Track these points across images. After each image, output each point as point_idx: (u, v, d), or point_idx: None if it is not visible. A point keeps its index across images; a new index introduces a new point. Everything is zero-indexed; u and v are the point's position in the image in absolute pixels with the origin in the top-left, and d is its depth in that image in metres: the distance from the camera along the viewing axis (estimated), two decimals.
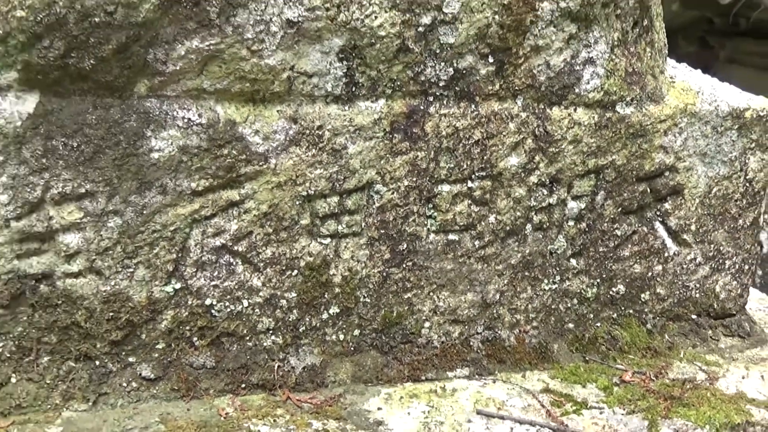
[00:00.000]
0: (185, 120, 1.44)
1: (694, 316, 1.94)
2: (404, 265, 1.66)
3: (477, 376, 1.72)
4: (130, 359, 1.53)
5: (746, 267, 1.95)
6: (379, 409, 1.57)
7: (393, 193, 1.62)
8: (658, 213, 1.85)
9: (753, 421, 1.64)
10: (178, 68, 1.41)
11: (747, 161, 1.87)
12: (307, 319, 1.62)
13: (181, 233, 1.51)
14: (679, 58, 2.09)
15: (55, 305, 1.47)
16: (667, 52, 1.90)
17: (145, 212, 1.48)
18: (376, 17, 1.50)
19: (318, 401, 1.56)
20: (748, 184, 1.89)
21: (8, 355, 1.45)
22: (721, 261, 1.92)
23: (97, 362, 1.53)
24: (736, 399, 1.70)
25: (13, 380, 1.46)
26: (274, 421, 1.48)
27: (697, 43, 7.68)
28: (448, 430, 1.51)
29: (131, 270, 1.49)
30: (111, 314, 1.49)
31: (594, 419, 1.57)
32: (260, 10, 1.42)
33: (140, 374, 1.54)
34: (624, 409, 1.63)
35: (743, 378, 1.77)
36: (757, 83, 8.24)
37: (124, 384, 1.52)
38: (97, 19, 1.32)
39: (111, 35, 1.35)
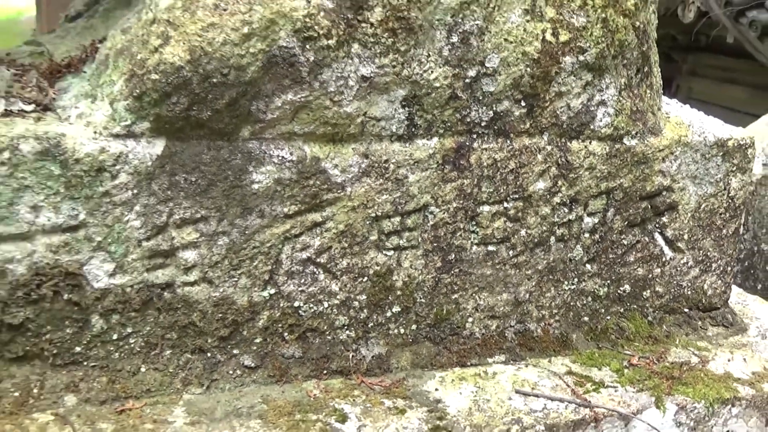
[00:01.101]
0: (279, 157, 1.51)
1: (686, 310, 1.97)
2: (452, 272, 1.71)
3: (512, 362, 1.76)
4: (235, 351, 1.58)
5: (729, 269, 2.00)
6: (436, 389, 1.61)
7: (444, 213, 1.66)
8: (657, 225, 1.89)
9: (739, 396, 1.71)
10: (275, 116, 1.48)
11: (729, 182, 1.93)
12: (375, 317, 1.67)
13: (275, 249, 1.56)
14: None
15: (176, 309, 1.52)
16: (662, 91, 1.90)
17: (247, 232, 1.52)
18: (432, 72, 1.55)
19: (386, 384, 1.61)
20: (730, 201, 1.94)
21: (138, 349, 1.51)
22: (708, 264, 1.97)
23: (209, 354, 1.56)
24: (724, 378, 1.76)
25: (143, 369, 1.51)
26: (353, 400, 1.54)
27: (662, 58, 7.71)
28: (495, 405, 1.56)
29: (236, 279, 1.54)
30: (219, 315, 1.55)
31: (611, 396, 1.63)
32: (341, 68, 1.48)
33: (243, 363, 1.59)
34: (634, 388, 1.68)
35: (729, 361, 1.83)
36: (715, 92, 8.29)
37: (231, 372, 1.57)
38: (215, 80, 1.39)
39: (225, 92, 1.42)
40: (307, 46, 1.44)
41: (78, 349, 1.47)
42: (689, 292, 1.97)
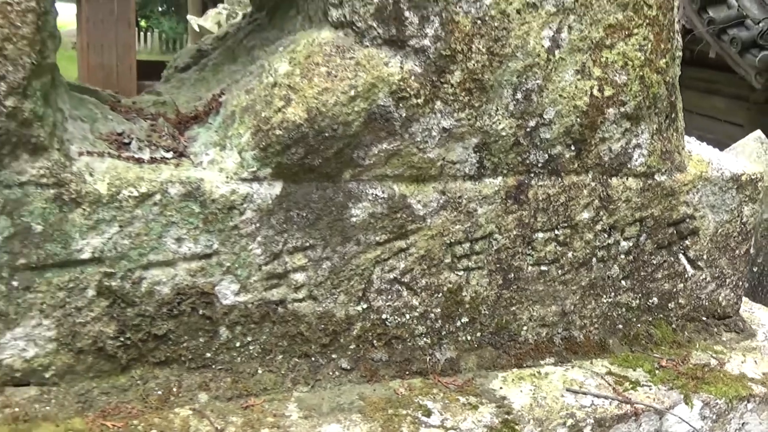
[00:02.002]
0: (374, 195, 1.62)
1: (704, 318, 2.05)
2: (511, 288, 1.80)
3: (560, 364, 1.85)
4: (334, 356, 1.68)
5: (740, 283, 2.09)
6: (500, 388, 1.71)
7: (505, 240, 1.76)
8: (681, 247, 1.97)
9: (753, 394, 1.80)
10: (371, 162, 1.60)
11: (742, 210, 2.01)
12: (447, 326, 1.76)
13: (368, 270, 1.66)
14: None
15: (287, 321, 1.62)
16: (684, 132, 1.99)
17: (345, 257, 1.63)
18: (499, 123, 1.66)
19: (458, 383, 1.71)
20: (742, 226, 2.03)
21: (256, 355, 1.62)
22: (723, 279, 2.05)
23: (313, 358, 1.66)
24: (740, 378, 1.85)
25: (260, 371, 1.62)
26: (434, 397, 1.64)
27: None
28: (551, 402, 1.67)
29: (335, 296, 1.64)
30: (322, 326, 1.65)
31: (646, 393, 1.73)
32: (426, 122, 1.59)
33: (340, 366, 1.69)
34: (665, 387, 1.76)
35: (742, 362, 1.92)
36: (698, 102, 8.33)
37: (330, 373, 1.67)
38: (326, 134, 1.51)
39: (333, 143, 1.53)
40: (400, 105, 1.57)
41: (208, 354, 1.58)
42: (707, 303, 2.06)
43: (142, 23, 23.31)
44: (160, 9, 25.43)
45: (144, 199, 1.46)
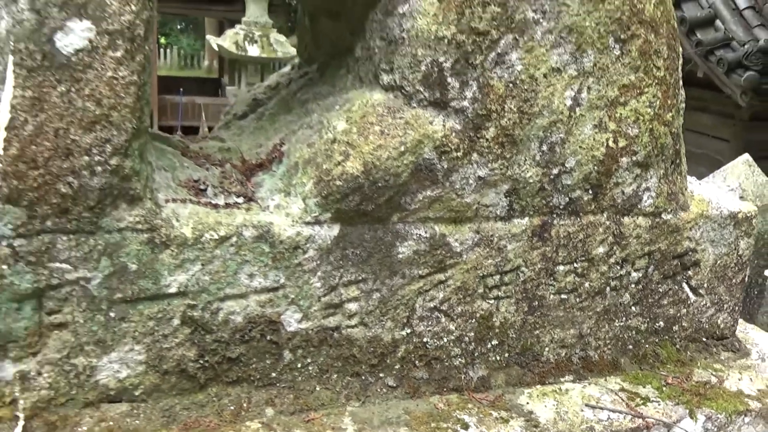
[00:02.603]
0: (417, 235, 1.73)
1: (704, 339, 2.13)
2: (535, 314, 1.90)
3: (578, 381, 1.93)
4: (381, 375, 1.77)
5: (737, 308, 2.17)
6: (527, 403, 1.80)
7: (531, 272, 1.86)
8: (684, 277, 2.06)
9: (750, 409, 1.88)
10: (416, 207, 1.70)
11: (739, 243, 2.10)
12: (479, 348, 1.86)
13: (412, 300, 1.76)
14: None
15: (341, 344, 1.72)
16: (687, 174, 2.10)
17: (393, 289, 1.73)
18: (527, 172, 1.76)
19: (490, 399, 1.80)
20: (739, 258, 2.12)
21: (314, 374, 1.71)
22: (721, 305, 2.14)
23: (363, 377, 1.76)
24: (737, 395, 1.92)
25: (318, 389, 1.71)
26: (469, 412, 1.74)
27: None
28: (572, 416, 1.77)
29: (383, 323, 1.74)
30: (371, 349, 1.75)
31: (656, 408, 1.81)
32: (464, 171, 1.70)
33: (387, 384, 1.78)
34: (672, 402, 1.84)
35: (739, 380, 2.00)
36: (687, 119, 8.40)
37: (378, 390, 1.77)
38: (379, 184, 1.62)
39: (385, 192, 1.64)
40: (443, 158, 1.68)
41: (273, 374, 1.69)
42: (707, 326, 2.14)
43: (162, 40, 23.51)
44: (178, 27, 25.63)
45: (223, 241, 1.60)
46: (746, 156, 4.53)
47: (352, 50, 1.85)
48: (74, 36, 1.39)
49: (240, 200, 1.72)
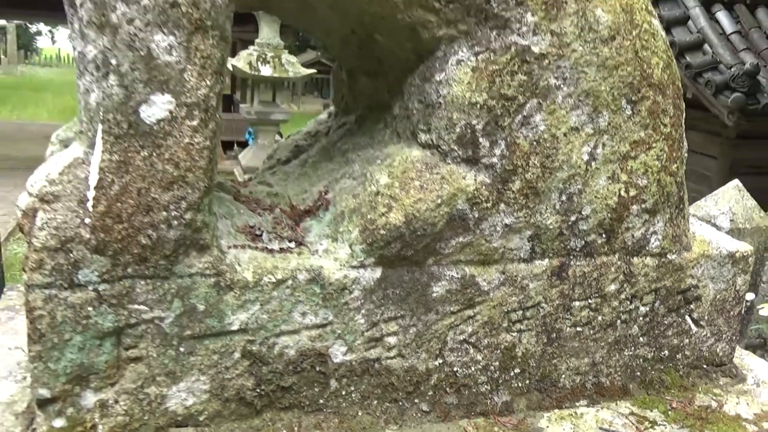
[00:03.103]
0: (450, 276, 1.82)
1: (705, 366, 2.20)
2: (553, 345, 1.98)
3: (591, 405, 2.01)
4: (416, 400, 1.86)
5: (734, 337, 2.24)
6: (547, 426, 1.87)
7: (550, 307, 1.95)
8: (687, 310, 2.14)
9: None
10: (449, 251, 1.80)
11: (736, 280, 2.18)
12: (503, 376, 1.95)
13: (444, 334, 1.85)
14: None
15: (381, 374, 1.81)
16: (689, 216, 2.21)
17: (427, 324, 1.82)
18: (548, 219, 1.85)
19: (513, 422, 1.88)
20: (736, 293, 2.20)
21: (357, 400, 1.80)
22: (720, 335, 2.22)
23: (400, 402, 1.85)
24: (736, 418, 1.99)
25: (360, 414, 1.81)
26: None
27: None
28: None
29: (419, 354, 1.83)
30: (407, 377, 1.84)
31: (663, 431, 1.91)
32: (493, 220, 1.80)
33: (421, 408, 1.86)
34: (678, 425, 1.91)
35: (737, 404, 2.07)
36: None
37: (414, 414, 1.85)
38: (418, 233, 1.72)
39: (423, 239, 1.74)
40: (474, 208, 1.78)
41: (321, 401, 1.79)
42: (707, 354, 2.22)
43: None
44: None
45: (279, 284, 1.71)
46: (736, 181, 4.63)
47: (390, 107, 1.97)
48: (156, 108, 1.51)
49: (292, 245, 1.84)
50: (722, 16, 7.78)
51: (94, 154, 1.54)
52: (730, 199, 4.67)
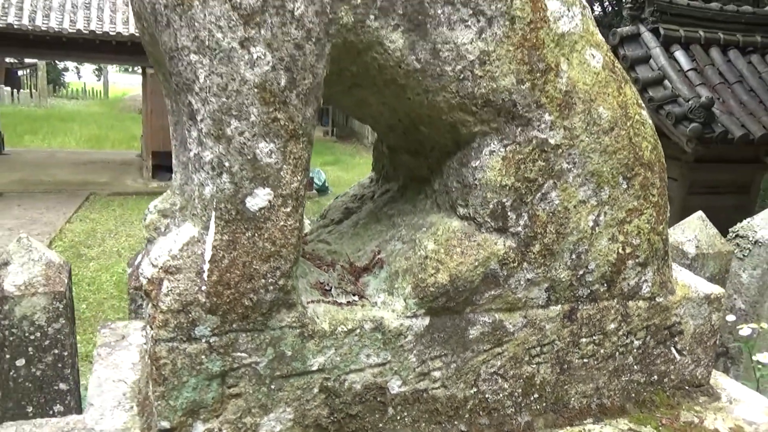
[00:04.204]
0: (483, 321, 1.99)
1: (687, 387, 2.36)
2: (565, 374, 2.15)
3: (596, 423, 2.17)
4: (455, 422, 2.00)
5: (710, 363, 2.40)
6: None
7: (562, 344, 2.11)
8: (672, 343, 2.31)
9: None
10: (483, 302, 1.96)
11: (711, 316, 2.36)
12: (525, 400, 2.10)
13: (478, 368, 2.01)
14: None
15: (428, 401, 1.97)
16: (672, 265, 2.46)
17: (465, 360, 1.99)
18: (561, 273, 2.03)
19: None
20: (711, 327, 2.37)
21: (409, 423, 1.95)
22: (699, 361, 2.38)
23: (443, 425, 1.98)
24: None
25: None
26: None
27: None
28: None
29: (458, 385, 1.99)
30: (449, 404, 2.00)
31: None
32: (518, 276, 1.97)
33: (460, 429, 2.00)
34: None
35: (714, 420, 2.23)
36: None
37: None
38: (460, 289, 1.88)
39: (463, 294, 1.90)
40: (503, 268, 1.96)
41: (380, 425, 1.94)
42: (689, 377, 2.39)
43: None
44: None
45: (350, 332, 1.91)
46: (700, 213, 4.88)
47: (430, 182, 2.20)
48: (259, 198, 1.74)
49: (356, 298, 2.06)
50: (680, 55, 8.09)
51: (208, 235, 1.75)
52: (695, 228, 4.91)
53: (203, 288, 1.71)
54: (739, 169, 8.61)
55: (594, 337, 2.21)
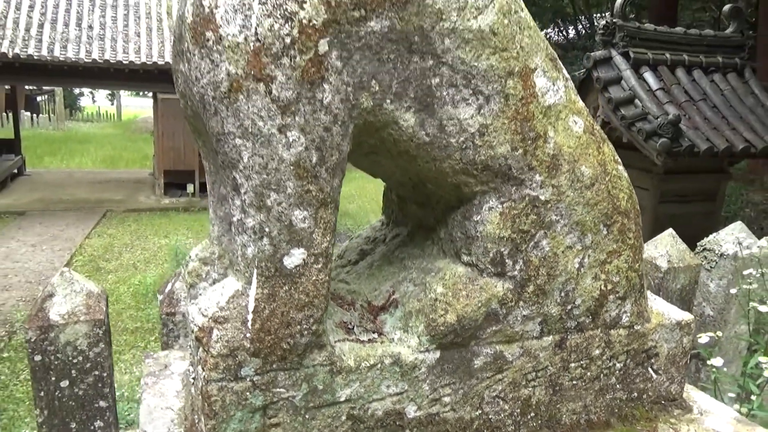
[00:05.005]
0: (485, 352, 2.11)
1: (663, 402, 2.49)
2: (557, 395, 2.28)
3: None
4: None
5: (683, 380, 2.54)
6: None
7: (554, 369, 2.24)
8: (649, 364, 2.44)
9: None
10: (486, 336, 2.09)
11: (683, 340, 2.49)
12: (522, 418, 2.23)
13: (482, 392, 2.13)
14: None
15: (439, 423, 2.09)
16: (647, 295, 2.71)
17: (470, 386, 2.11)
18: (552, 309, 2.18)
19: None
20: (683, 349, 2.50)
21: None
22: (673, 379, 2.51)
23: None
24: None
25: None
26: None
27: None
28: None
29: (465, 408, 2.12)
30: (458, 425, 2.12)
31: None
32: (515, 313, 2.13)
33: None
34: None
35: (688, 430, 2.35)
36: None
37: None
38: (466, 326, 2.01)
39: (468, 330, 2.03)
40: (502, 307, 2.10)
41: None
42: (664, 393, 2.52)
43: None
44: None
45: (372, 367, 2.07)
46: (670, 230, 5.05)
47: (436, 230, 2.37)
48: (295, 258, 1.90)
49: (375, 335, 2.22)
50: (648, 76, 8.28)
51: (251, 289, 1.91)
52: (667, 244, 5.10)
53: (248, 335, 1.87)
54: (705, 179, 8.86)
55: (582, 362, 2.36)
